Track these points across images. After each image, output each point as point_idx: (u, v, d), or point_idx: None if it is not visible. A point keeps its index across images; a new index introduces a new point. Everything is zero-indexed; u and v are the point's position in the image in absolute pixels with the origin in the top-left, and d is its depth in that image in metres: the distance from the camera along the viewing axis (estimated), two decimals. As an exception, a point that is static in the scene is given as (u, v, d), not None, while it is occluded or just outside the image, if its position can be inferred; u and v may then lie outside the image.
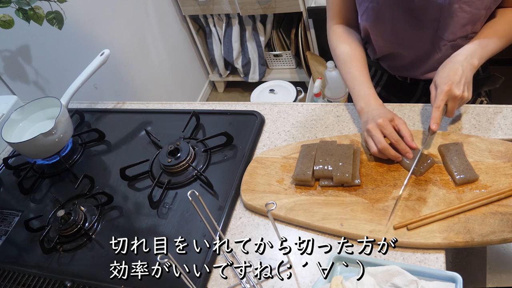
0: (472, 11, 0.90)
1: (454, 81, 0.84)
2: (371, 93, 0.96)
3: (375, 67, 1.17)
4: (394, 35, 1.01)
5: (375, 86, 1.20)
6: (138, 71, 2.26)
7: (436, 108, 0.84)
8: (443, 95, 0.84)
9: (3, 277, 0.93)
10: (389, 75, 1.14)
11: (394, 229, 0.78)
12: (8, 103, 1.32)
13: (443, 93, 0.84)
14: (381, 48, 1.06)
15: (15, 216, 1.07)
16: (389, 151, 0.86)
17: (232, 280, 0.82)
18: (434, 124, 0.84)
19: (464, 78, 0.85)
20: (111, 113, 1.29)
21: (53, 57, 1.71)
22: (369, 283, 0.69)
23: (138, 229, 0.95)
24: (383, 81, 1.17)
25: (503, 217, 0.75)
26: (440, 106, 0.84)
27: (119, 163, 1.08)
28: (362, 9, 1.01)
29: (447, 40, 0.96)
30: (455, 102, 0.85)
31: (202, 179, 0.99)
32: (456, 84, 0.84)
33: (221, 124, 1.12)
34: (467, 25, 0.93)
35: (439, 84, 0.85)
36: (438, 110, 0.84)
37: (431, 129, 0.85)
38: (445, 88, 0.84)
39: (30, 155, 1.15)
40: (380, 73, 1.16)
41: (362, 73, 0.99)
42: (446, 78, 0.85)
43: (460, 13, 0.90)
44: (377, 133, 0.86)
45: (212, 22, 2.57)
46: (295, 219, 0.85)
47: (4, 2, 1.21)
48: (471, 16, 0.91)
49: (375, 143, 0.87)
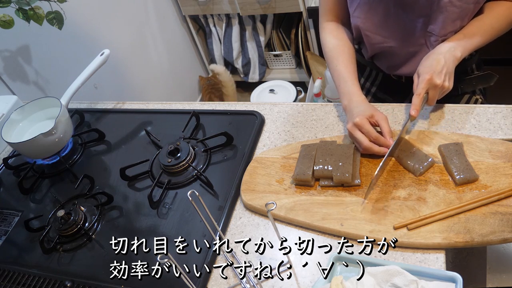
0: (462, 5, 0.92)
1: (436, 71, 0.87)
2: (354, 90, 0.97)
3: (370, 66, 1.17)
4: (386, 29, 1.02)
5: (371, 86, 1.20)
6: (138, 71, 2.26)
7: (416, 95, 0.88)
8: (424, 83, 0.87)
9: (3, 277, 0.93)
10: (384, 75, 1.15)
11: (394, 229, 0.78)
12: (8, 103, 1.32)
13: (424, 82, 0.87)
14: (374, 45, 1.07)
15: (15, 216, 1.07)
16: (372, 149, 0.89)
17: (232, 280, 0.82)
18: (414, 110, 0.88)
19: (445, 68, 0.88)
20: (111, 113, 1.29)
21: (53, 57, 1.71)
22: (369, 283, 0.69)
23: (138, 229, 0.95)
24: (378, 80, 1.18)
25: (503, 217, 0.75)
26: (421, 94, 0.88)
27: (119, 163, 1.08)
28: (354, 5, 1.02)
29: (438, 35, 0.97)
30: (436, 91, 0.88)
31: (202, 179, 0.99)
32: (437, 74, 0.87)
33: (221, 124, 1.12)
34: (456, 20, 0.94)
35: (421, 73, 0.89)
36: (419, 97, 0.88)
37: (411, 115, 0.88)
38: (426, 76, 0.87)
39: (30, 155, 1.15)
40: (375, 72, 1.17)
41: (348, 70, 1.01)
42: (428, 68, 0.89)
43: (450, 7, 0.92)
44: (356, 134, 0.89)
45: (212, 22, 2.57)
46: (295, 219, 0.85)
47: (4, 2, 1.21)
48: (461, 11, 0.93)
49: (358, 144, 0.90)
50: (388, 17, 0.99)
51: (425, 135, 0.92)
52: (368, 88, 1.22)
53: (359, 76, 1.22)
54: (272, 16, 2.48)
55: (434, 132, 0.93)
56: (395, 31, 1.01)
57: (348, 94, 0.97)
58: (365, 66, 1.18)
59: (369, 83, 1.20)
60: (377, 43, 1.05)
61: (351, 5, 1.03)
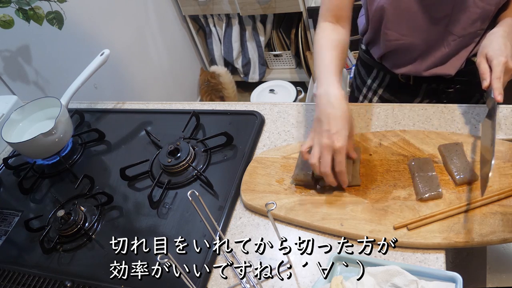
0: (484, 6, 0.91)
1: (508, 54, 0.83)
2: (334, 81, 0.87)
3: (377, 68, 1.17)
4: (406, 26, 1.00)
5: (378, 87, 1.20)
6: (138, 71, 2.26)
7: (497, 79, 0.81)
8: (501, 65, 0.82)
9: (3, 277, 0.93)
10: (392, 76, 1.14)
11: (394, 229, 0.78)
12: (8, 103, 1.32)
13: (502, 64, 0.82)
14: (390, 42, 1.05)
15: (15, 216, 1.07)
16: (329, 178, 0.83)
17: (232, 280, 0.82)
18: (499, 95, 0.81)
19: None
20: (111, 113, 1.29)
21: (53, 57, 1.71)
22: (369, 283, 0.69)
23: (138, 229, 0.95)
24: (385, 82, 1.17)
25: (503, 217, 0.75)
26: (501, 77, 0.82)
27: (119, 163, 1.08)
28: (376, 3, 1.00)
29: (457, 35, 0.96)
30: (508, 75, 0.84)
31: (202, 179, 0.99)
32: (510, 57, 0.83)
33: (221, 124, 1.12)
34: (477, 21, 0.94)
35: (495, 56, 0.83)
36: (499, 80, 0.82)
37: (497, 100, 0.81)
38: (503, 59, 0.82)
39: (30, 155, 1.15)
40: (383, 74, 1.16)
41: (334, 62, 0.92)
42: (500, 51, 0.83)
43: (472, 8, 0.92)
44: (327, 157, 0.82)
45: (212, 22, 2.57)
46: (295, 219, 0.85)
47: (4, 2, 1.21)
48: (482, 12, 0.92)
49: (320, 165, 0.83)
50: (407, 15, 0.98)
51: (425, 135, 0.92)
52: (375, 89, 1.21)
53: (366, 77, 1.22)
54: (272, 16, 2.48)
55: (434, 132, 0.93)
56: (414, 28, 1.00)
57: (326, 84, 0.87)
58: (373, 67, 1.18)
59: (376, 85, 1.20)
60: (394, 40, 1.04)
61: (373, 2, 1.01)
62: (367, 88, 1.22)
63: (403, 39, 1.03)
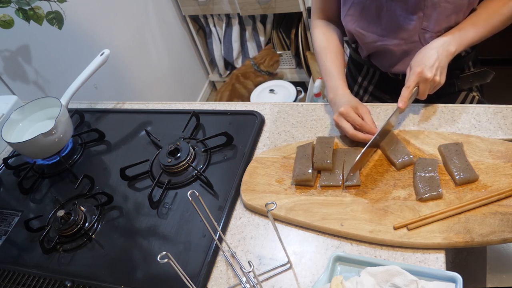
0: (455, 1, 0.93)
1: (427, 65, 0.89)
2: (339, 84, 1.01)
3: (367, 65, 1.18)
4: (380, 28, 1.02)
5: (368, 85, 1.21)
6: (138, 71, 2.26)
7: (406, 87, 0.90)
8: (414, 76, 0.89)
9: (3, 277, 0.93)
10: (381, 73, 1.15)
11: (394, 229, 0.78)
12: (8, 103, 1.32)
13: (415, 74, 0.89)
14: (368, 44, 1.07)
15: (15, 216, 1.07)
16: (357, 136, 0.92)
17: (232, 280, 0.82)
18: (401, 102, 0.89)
19: (438, 62, 0.89)
20: (111, 113, 1.29)
21: (53, 57, 1.71)
22: (369, 283, 0.69)
23: (138, 229, 0.95)
24: (375, 79, 1.18)
25: (503, 217, 0.75)
26: (410, 86, 0.90)
27: (119, 163, 1.08)
28: (348, 5, 1.03)
29: (432, 31, 0.98)
30: (426, 85, 0.90)
31: (202, 179, 0.99)
32: (428, 68, 0.88)
33: (221, 124, 1.12)
34: (451, 16, 0.95)
35: (412, 66, 0.91)
36: (408, 89, 0.90)
37: (399, 107, 0.89)
38: (417, 70, 0.89)
39: (30, 155, 1.15)
40: (372, 71, 1.17)
41: (335, 65, 1.05)
42: (419, 61, 0.90)
43: (443, 3, 0.93)
44: (342, 122, 0.93)
45: (212, 22, 2.57)
46: (295, 219, 0.85)
47: (4, 2, 1.21)
48: (454, 6, 0.93)
49: (344, 132, 0.93)
50: (381, 15, 1.00)
51: (425, 135, 0.92)
52: (366, 87, 1.22)
53: (357, 75, 1.23)
54: (272, 16, 2.48)
55: (434, 132, 0.93)
56: (389, 29, 1.01)
57: (334, 88, 1.01)
58: (362, 65, 1.19)
59: (366, 82, 1.21)
60: (372, 42, 1.06)
61: (345, 5, 1.04)
62: (358, 86, 1.23)
63: (380, 40, 1.04)
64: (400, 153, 0.88)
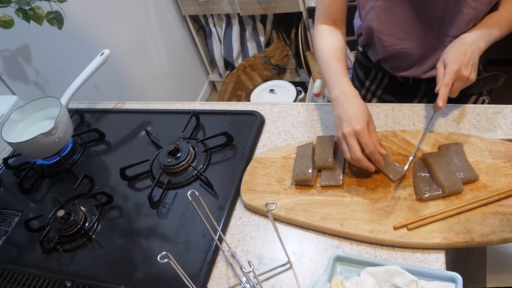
0: (477, 6, 0.91)
1: (463, 62, 0.85)
2: (346, 81, 0.92)
3: (375, 69, 1.16)
4: (400, 32, 1.01)
5: (376, 88, 1.20)
6: (138, 71, 2.26)
7: (445, 85, 0.85)
8: (452, 73, 0.85)
9: (3, 277, 0.93)
10: (390, 77, 1.14)
11: (394, 229, 0.78)
12: (8, 103, 1.32)
13: (453, 72, 0.85)
14: (387, 48, 1.05)
15: (15, 216, 1.07)
16: (362, 162, 0.84)
17: (232, 280, 0.82)
18: (442, 102, 0.85)
19: (472, 60, 0.86)
20: (111, 113, 1.29)
21: (53, 57, 1.71)
22: (369, 283, 0.69)
23: (138, 229, 0.95)
24: (384, 83, 1.17)
25: (503, 217, 0.75)
26: (449, 84, 0.85)
27: (119, 163, 1.08)
28: (367, 8, 1.01)
29: (452, 36, 0.96)
30: (462, 82, 0.86)
31: (202, 179, 0.99)
32: (465, 65, 0.85)
33: (221, 124, 1.12)
34: (471, 22, 0.94)
35: (449, 63, 0.86)
36: (447, 88, 0.85)
37: (438, 106, 0.85)
38: (455, 67, 0.85)
39: (30, 155, 1.15)
40: (381, 75, 1.16)
41: (340, 64, 0.97)
42: (456, 58, 0.86)
43: (465, 8, 0.92)
44: (353, 142, 0.83)
45: (212, 22, 2.57)
46: (295, 219, 0.85)
47: (4, 2, 1.21)
48: (476, 12, 0.92)
49: (349, 151, 0.85)
50: (403, 19, 0.98)
51: (425, 135, 0.92)
52: (374, 91, 1.21)
53: (364, 79, 1.22)
54: (272, 16, 2.48)
55: (434, 132, 0.93)
56: (410, 33, 1.00)
57: (340, 85, 0.92)
58: (371, 69, 1.18)
59: (374, 86, 1.20)
60: (390, 45, 1.04)
61: (364, 8, 1.02)
62: (365, 90, 1.22)
63: (400, 44, 1.03)
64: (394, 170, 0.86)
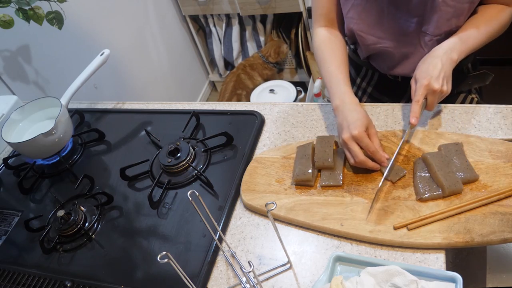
0: (455, 5, 0.92)
1: (433, 76, 0.86)
2: (346, 90, 0.95)
3: (366, 66, 1.17)
4: (380, 30, 1.02)
5: (367, 86, 1.20)
6: (138, 71, 2.26)
7: (415, 102, 0.86)
8: (422, 89, 0.86)
9: (3, 277, 0.93)
10: (380, 74, 1.15)
11: (394, 229, 0.78)
12: (8, 103, 1.32)
13: (423, 87, 0.86)
14: (368, 46, 1.07)
15: (15, 216, 1.07)
16: (367, 163, 0.86)
17: (232, 280, 0.82)
18: (414, 118, 0.86)
19: (443, 72, 0.86)
20: (111, 113, 1.29)
21: (53, 57, 1.71)
22: (369, 283, 0.69)
23: (138, 229, 0.95)
24: (374, 80, 1.18)
25: (503, 217, 0.75)
26: (420, 100, 0.86)
27: (119, 163, 1.08)
28: (348, 7, 1.02)
29: (433, 35, 0.97)
30: (435, 96, 0.87)
31: (202, 179, 0.99)
32: (435, 79, 0.86)
33: (221, 124, 1.12)
34: (451, 19, 0.94)
35: (419, 79, 0.88)
36: (418, 104, 0.86)
37: (411, 123, 0.86)
38: (424, 82, 0.86)
39: (30, 155, 1.15)
40: (371, 72, 1.17)
41: (340, 71, 0.99)
42: (425, 73, 0.87)
43: (443, 7, 0.92)
44: (353, 146, 0.86)
45: (212, 22, 2.57)
46: (295, 219, 0.85)
47: (4, 2, 1.21)
48: (454, 10, 0.93)
49: (352, 156, 0.87)
50: (382, 18, 0.99)
51: (425, 135, 0.92)
52: (364, 88, 1.22)
53: (355, 76, 1.22)
54: (272, 16, 2.48)
55: (434, 132, 0.93)
56: (389, 31, 1.01)
57: (341, 94, 0.94)
58: (361, 66, 1.18)
59: (365, 83, 1.21)
60: (371, 44, 1.05)
61: (345, 7, 1.03)
62: (356, 87, 1.23)
63: (380, 43, 1.03)
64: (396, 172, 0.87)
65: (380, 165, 0.87)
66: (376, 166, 0.87)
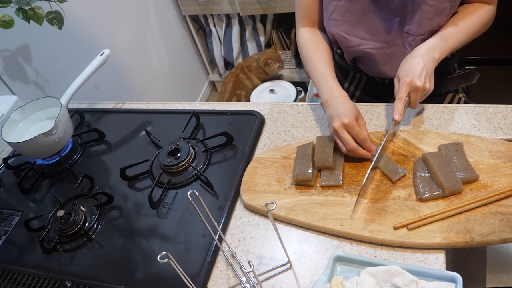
0: (436, 4, 0.93)
1: (416, 73, 0.87)
2: (335, 84, 0.97)
3: (353, 70, 1.18)
4: (362, 31, 1.02)
5: (355, 90, 1.21)
6: (138, 71, 2.26)
7: (398, 99, 0.88)
8: (405, 86, 0.87)
9: (3, 277, 0.93)
10: (368, 77, 1.15)
11: (394, 229, 0.78)
12: (8, 103, 1.32)
13: (405, 85, 0.87)
14: (351, 48, 1.07)
15: (15, 216, 1.07)
16: (358, 151, 0.88)
17: (232, 280, 0.82)
18: (397, 115, 0.87)
19: (425, 70, 0.88)
20: (111, 113, 1.29)
21: (53, 57, 1.71)
22: (369, 283, 0.69)
23: (138, 229, 0.95)
24: (362, 83, 1.18)
25: (503, 217, 0.75)
26: (403, 98, 0.88)
27: (119, 163, 1.08)
28: (331, 9, 1.03)
29: (415, 34, 0.98)
30: (417, 93, 0.88)
31: (202, 179, 0.99)
32: (417, 76, 0.87)
33: (221, 124, 1.12)
34: (433, 18, 0.95)
35: (401, 77, 0.89)
36: (401, 101, 0.88)
37: (394, 119, 0.88)
38: (406, 80, 0.87)
39: (30, 155, 1.15)
40: (359, 75, 1.17)
41: (327, 67, 1.01)
42: (407, 71, 0.88)
43: (424, 6, 0.93)
44: (344, 134, 0.88)
45: (212, 22, 2.57)
46: (295, 219, 0.85)
47: (4, 2, 1.21)
48: (436, 9, 0.93)
49: (343, 144, 0.89)
50: (365, 18, 1.00)
51: (425, 135, 0.92)
52: (353, 92, 1.22)
53: (343, 81, 1.23)
54: (272, 16, 2.48)
55: (434, 132, 0.93)
56: (373, 32, 1.02)
57: (329, 88, 0.96)
58: (348, 70, 1.19)
59: (353, 87, 1.21)
60: (355, 46, 1.05)
61: (327, 9, 1.04)
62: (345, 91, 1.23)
63: (364, 44, 1.04)
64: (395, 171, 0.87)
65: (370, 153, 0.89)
66: (367, 154, 0.89)
